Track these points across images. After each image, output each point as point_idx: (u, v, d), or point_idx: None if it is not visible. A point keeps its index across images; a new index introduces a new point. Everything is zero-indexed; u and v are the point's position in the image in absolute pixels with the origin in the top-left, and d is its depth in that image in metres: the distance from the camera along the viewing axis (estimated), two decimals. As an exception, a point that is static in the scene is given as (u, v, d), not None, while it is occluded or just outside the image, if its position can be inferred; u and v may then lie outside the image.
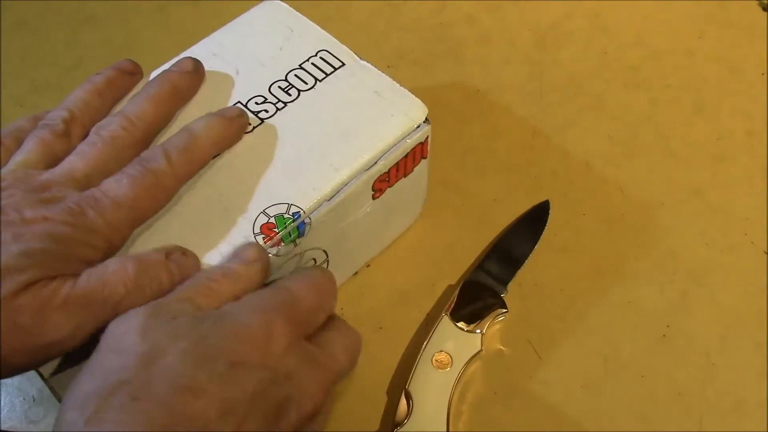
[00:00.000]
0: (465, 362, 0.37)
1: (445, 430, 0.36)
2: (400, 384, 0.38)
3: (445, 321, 0.38)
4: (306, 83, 0.37)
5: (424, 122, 0.36)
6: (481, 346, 0.38)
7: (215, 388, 0.26)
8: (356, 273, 0.42)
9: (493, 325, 0.39)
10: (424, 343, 0.38)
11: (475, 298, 0.39)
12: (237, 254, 0.32)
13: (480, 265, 0.41)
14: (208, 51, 0.38)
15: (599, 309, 0.40)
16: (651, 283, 0.41)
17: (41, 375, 0.31)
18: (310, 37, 0.39)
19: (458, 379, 0.37)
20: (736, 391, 0.38)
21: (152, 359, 0.26)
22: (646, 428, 0.37)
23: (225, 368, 0.27)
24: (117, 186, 0.30)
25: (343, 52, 0.39)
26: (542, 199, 0.44)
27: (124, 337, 0.27)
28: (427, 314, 0.40)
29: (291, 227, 0.33)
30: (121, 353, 0.27)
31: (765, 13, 0.52)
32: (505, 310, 0.39)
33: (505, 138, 0.46)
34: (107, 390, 0.26)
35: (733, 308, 0.40)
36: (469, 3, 0.52)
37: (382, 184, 0.36)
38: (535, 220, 0.43)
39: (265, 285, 0.32)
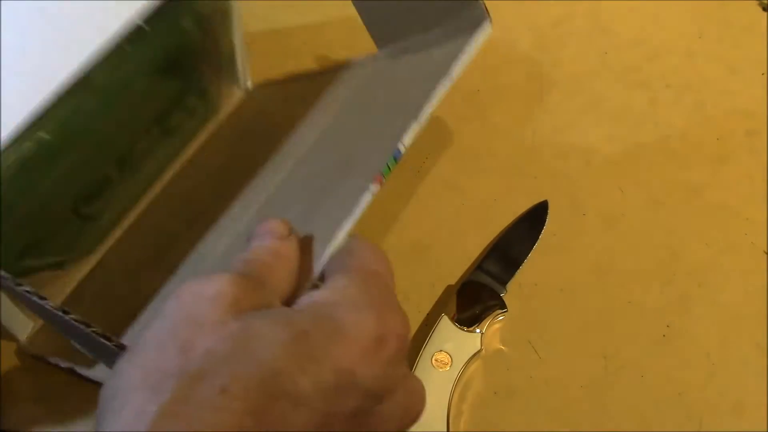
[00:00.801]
0: (465, 362, 0.37)
1: (445, 430, 0.36)
2: (400, 384, 0.38)
3: (445, 321, 0.38)
4: None
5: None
6: (481, 345, 0.38)
7: (319, 398, 0.22)
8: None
9: (493, 325, 0.39)
10: (424, 343, 0.38)
11: (474, 298, 0.39)
12: (265, 232, 0.29)
13: (480, 265, 0.41)
14: None
15: (599, 309, 0.40)
16: (651, 283, 0.41)
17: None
18: None
19: (458, 379, 0.37)
20: (736, 391, 0.38)
21: (247, 345, 0.22)
22: (646, 428, 0.37)
23: (331, 375, 0.23)
24: None
25: None
26: (542, 199, 0.44)
27: (210, 306, 0.23)
28: (427, 314, 0.40)
29: (392, 165, 0.33)
30: (207, 328, 0.23)
31: (765, 13, 0.52)
32: (504, 310, 0.39)
33: (505, 138, 0.46)
34: (190, 375, 0.21)
35: (733, 308, 0.40)
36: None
37: None
38: (534, 220, 0.43)
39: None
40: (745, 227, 0.43)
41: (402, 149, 0.32)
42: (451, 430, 0.36)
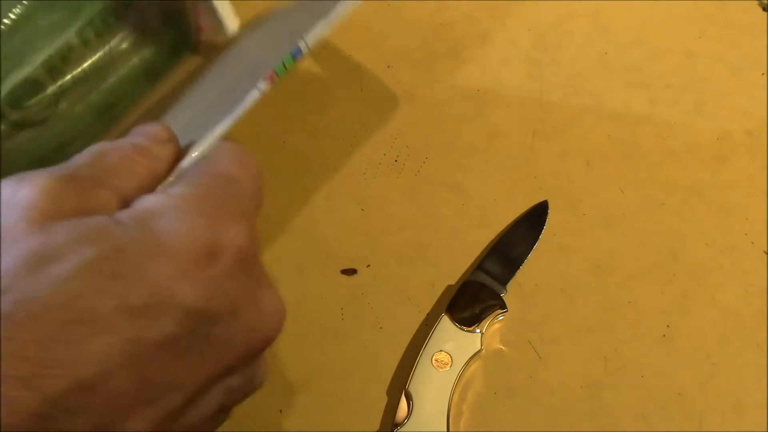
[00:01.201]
0: (465, 362, 0.37)
1: (445, 430, 0.36)
2: (400, 384, 0.38)
3: (445, 321, 0.38)
4: None
5: None
6: (481, 345, 0.38)
7: (124, 322, 0.20)
8: (356, 271, 0.42)
9: (493, 325, 0.39)
10: (424, 343, 0.38)
11: (474, 298, 0.39)
12: (143, 132, 0.26)
13: (480, 265, 0.41)
14: None
15: (599, 309, 0.40)
16: (651, 283, 0.41)
17: None
18: None
19: (458, 379, 0.37)
20: (736, 391, 0.38)
21: (43, 263, 0.20)
22: (646, 428, 0.37)
23: (141, 297, 0.21)
24: None
25: None
26: (542, 199, 0.44)
27: (16, 215, 0.21)
28: (427, 314, 0.40)
29: (288, 63, 0.30)
30: (7, 242, 0.21)
31: (765, 13, 0.52)
32: (504, 310, 0.39)
33: (505, 138, 0.46)
34: None
35: (733, 308, 0.40)
36: (469, 3, 0.52)
37: None
38: (534, 220, 0.43)
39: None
40: (745, 227, 0.43)
41: (303, 47, 0.30)
42: (451, 430, 0.36)
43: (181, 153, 0.27)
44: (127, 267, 0.21)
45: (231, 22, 0.43)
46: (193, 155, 0.27)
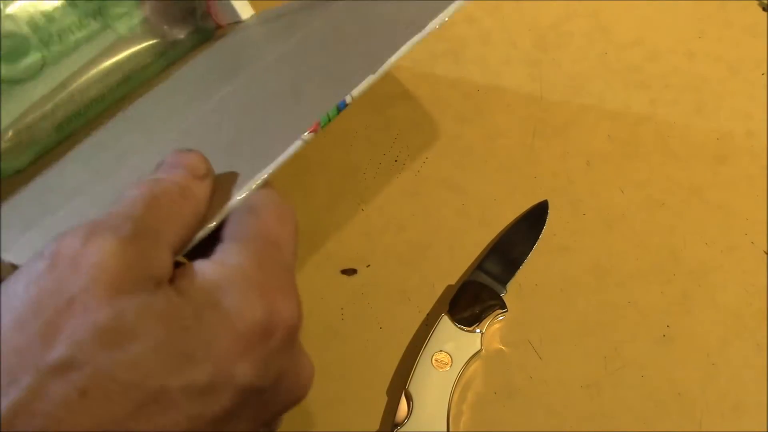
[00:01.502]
0: (465, 362, 0.37)
1: (445, 430, 0.36)
2: (400, 384, 0.38)
3: (445, 321, 0.38)
4: None
5: None
6: (481, 345, 0.38)
7: (190, 401, 0.21)
8: (356, 271, 0.42)
9: (493, 325, 0.39)
10: (424, 343, 0.38)
11: (474, 298, 0.40)
12: (181, 164, 0.25)
13: (480, 265, 0.41)
14: None
15: (599, 309, 0.40)
16: (651, 283, 0.41)
17: None
18: None
19: (458, 379, 0.37)
20: (736, 391, 0.38)
21: (117, 340, 0.20)
22: (646, 428, 0.37)
23: (206, 376, 0.21)
24: None
25: None
26: (542, 199, 0.44)
27: (86, 279, 0.21)
28: (427, 314, 0.40)
29: (333, 115, 0.30)
30: (78, 309, 0.20)
31: (765, 13, 0.52)
32: (504, 310, 0.39)
33: (505, 138, 0.46)
34: (48, 367, 0.20)
35: (733, 308, 0.40)
36: (469, 3, 0.52)
37: None
38: (534, 220, 0.43)
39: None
40: (745, 227, 0.43)
41: (349, 100, 0.30)
42: (451, 430, 0.36)
43: (216, 184, 0.27)
44: (194, 346, 0.21)
45: (244, 9, 0.43)
46: (233, 200, 0.26)
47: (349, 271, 0.42)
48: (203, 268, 0.23)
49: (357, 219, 0.43)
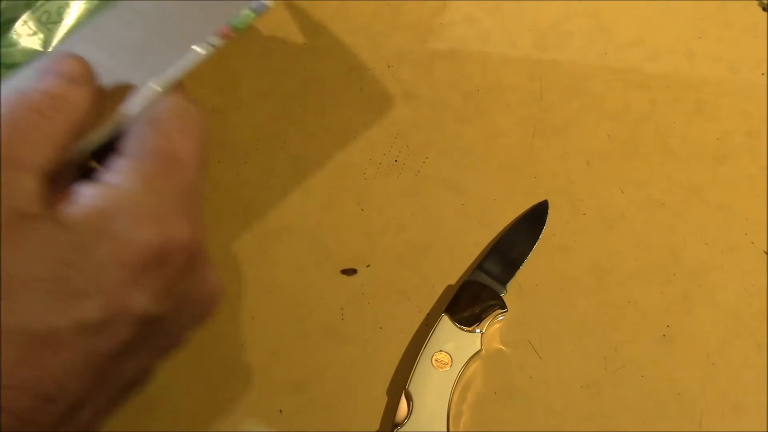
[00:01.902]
0: (465, 362, 0.37)
1: (445, 430, 0.36)
2: (400, 384, 0.38)
3: (445, 321, 0.38)
4: None
5: None
6: (481, 345, 0.38)
7: (82, 338, 0.20)
8: (356, 271, 0.42)
9: (493, 325, 0.39)
10: (424, 343, 0.38)
11: (474, 298, 0.39)
12: (54, 69, 0.23)
13: (480, 265, 0.41)
14: None
15: (599, 309, 0.40)
16: (651, 283, 0.41)
17: None
18: None
19: (458, 379, 0.37)
20: (736, 391, 0.38)
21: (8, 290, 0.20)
22: (646, 428, 0.37)
23: (98, 311, 0.21)
24: None
25: None
26: (542, 199, 0.44)
27: None
28: (427, 314, 0.40)
29: (248, 18, 0.27)
30: None
31: (765, 13, 0.52)
32: (504, 310, 0.39)
33: (505, 138, 0.46)
34: None
35: (733, 308, 0.40)
36: (469, 3, 0.52)
37: None
38: (534, 220, 0.43)
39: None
40: (745, 227, 0.43)
41: (270, 4, 0.27)
42: (451, 430, 0.36)
43: (101, 93, 0.24)
44: (80, 281, 0.20)
45: None
46: (129, 109, 0.24)
47: (349, 271, 0.42)
48: (86, 192, 0.22)
49: (357, 219, 0.43)
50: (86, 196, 0.22)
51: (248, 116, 0.46)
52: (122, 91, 0.24)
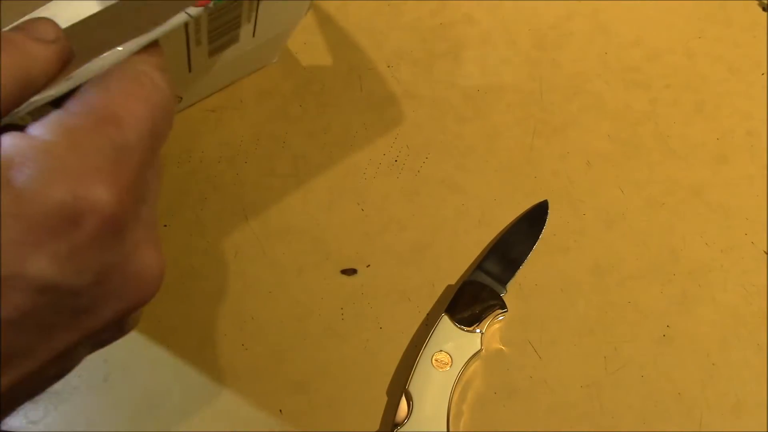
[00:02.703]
0: (465, 362, 0.37)
1: (445, 430, 0.36)
2: (400, 384, 0.38)
3: (445, 321, 0.38)
4: None
5: None
6: (481, 345, 0.38)
7: None
8: (356, 271, 0.42)
9: (493, 325, 0.39)
10: (424, 343, 0.38)
11: (474, 297, 0.40)
12: (21, 26, 0.22)
13: (480, 265, 0.41)
14: None
15: (599, 309, 0.40)
16: (651, 283, 0.41)
17: None
18: None
19: (458, 379, 0.37)
20: (736, 391, 0.38)
21: None
22: (646, 428, 0.37)
23: None
24: None
25: None
26: (542, 199, 0.44)
27: None
28: (427, 314, 0.40)
29: None
30: None
31: (765, 13, 0.52)
32: (504, 310, 0.39)
33: (505, 138, 0.46)
34: None
35: (733, 308, 0.40)
36: (469, 3, 0.52)
37: None
38: (534, 220, 0.43)
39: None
40: (745, 227, 0.43)
41: None
42: (451, 430, 0.36)
43: (69, 57, 0.23)
44: None
45: None
46: (85, 72, 0.22)
47: (349, 271, 0.42)
48: (3, 140, 0.20)
49: (357, 219, 0.43)
50: (5, 143, 0.20)
51: (248, 116, 0.46)
52: (91, 54, 0.23)
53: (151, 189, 0.24)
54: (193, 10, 0.26)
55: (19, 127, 0.22)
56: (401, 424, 0.36)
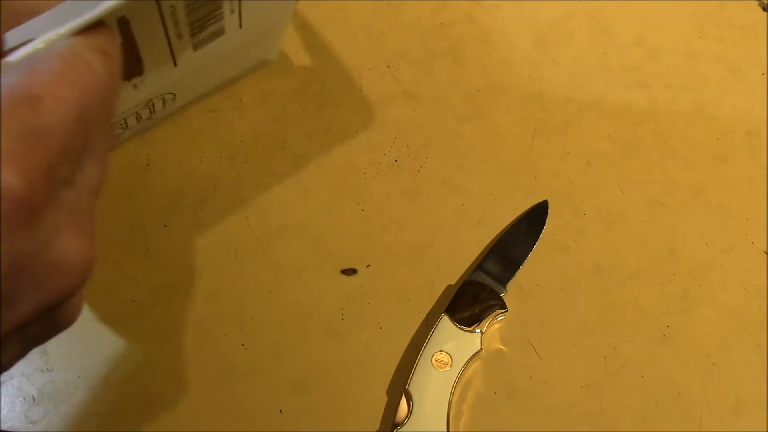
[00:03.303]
0: (465, 362, 0.37)
1: (445, 430, 0.36)
2: (400, 384, 0.38)
3: (445, 321, 0.38)
4: None
5: None
6: (481, 345, 0.38)
7: None
8: (356, 271, 0.42)
9: (493, 325, 0.39)
10: (424, 343, 0.38)
11: (474, 297, 0.40)
12: None
13: (480, 265, 0.41)
14: None
15: (599, 309, 0.40)
16: (651, 283, 0.41)
17: None
18: None
19: (458, 379, 0.37)
20: (736, 391, 0.38)
21: None
22: (646, 428, 0.37)
23: None
24: None
25: None
26: (542, 199, 0.44)
27: None
28: (427, 314, 0.40)
29: None
30: None
31: (765, 13, 0.52)
32: (504, 310, 0.39)
33: (505, 138, 0.46)
34: None
35: (732, 308, 0.40)
36: (469, 3, 0.52)
37: None
38: (534, 220, 0.43)
39: None
40: (745, 227, 0.43)
41: None
42: (451, 430, 0.36)
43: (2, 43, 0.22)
44: None
45: None
46: (21, 53, 0.21)
47: (349, 271, 0.42)
48: None
49: (357, 219, 0.43)
50: None
51: (248, 116, 0.46)
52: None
53: (84, 173, 0.22)
54: None
55: None
56: (401, 424, 0.36)
